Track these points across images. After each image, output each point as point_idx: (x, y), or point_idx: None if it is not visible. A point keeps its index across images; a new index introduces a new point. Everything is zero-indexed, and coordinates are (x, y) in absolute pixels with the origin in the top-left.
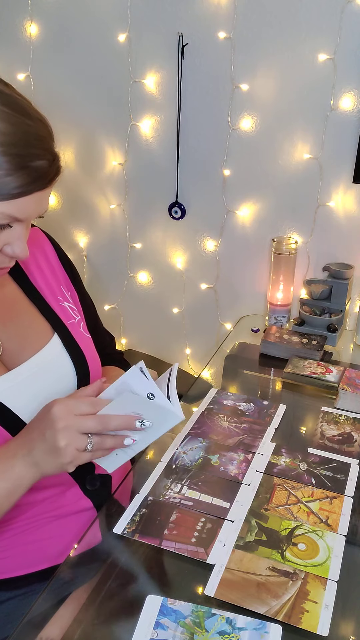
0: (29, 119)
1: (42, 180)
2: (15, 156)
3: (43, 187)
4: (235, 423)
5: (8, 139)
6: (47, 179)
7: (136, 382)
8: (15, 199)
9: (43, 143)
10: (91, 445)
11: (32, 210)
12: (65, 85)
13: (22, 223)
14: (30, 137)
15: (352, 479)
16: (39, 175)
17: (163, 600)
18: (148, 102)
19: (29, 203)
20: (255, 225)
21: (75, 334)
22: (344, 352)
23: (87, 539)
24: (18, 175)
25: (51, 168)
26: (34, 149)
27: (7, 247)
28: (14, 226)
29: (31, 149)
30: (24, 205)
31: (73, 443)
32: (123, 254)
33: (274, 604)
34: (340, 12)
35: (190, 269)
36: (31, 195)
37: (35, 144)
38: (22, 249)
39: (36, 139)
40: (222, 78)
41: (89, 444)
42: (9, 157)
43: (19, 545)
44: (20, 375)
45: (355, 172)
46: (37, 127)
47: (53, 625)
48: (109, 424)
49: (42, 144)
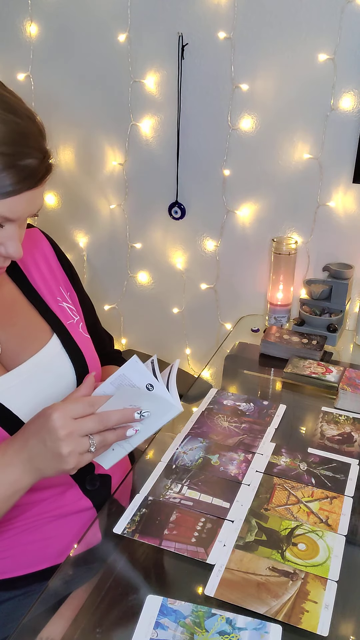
0: (18, 117)
1: (32, 179)
2: (3, 155)
3: (33, 186)
4: (235, 423)
5: None
6: (36, 177)
7: (135, 374)
8: (4, 199)
9: (32, 141)
10: (94, 446)
11: (23, 210)
12: (65, 85)
13: (14, 223)
14: (18, 135)
15: (352, 479)
16: (28, 174)
17: (163, 600)
18: (148, 102)
19: (19, 202)
20: (255, 225)
21: (75, 334)
22: (344, 352)
23: (87, 539)
24: (6, 174)
25: (41, 166)
26: (22, 147)
27: (0, 248)
28: (5, 226)
29: (19, 147)
30: (14, 204)
31: (76, 448)
32: (123, 254)
33: (274, 604)
34: (340, 12)
35: (190, 269)
36: (21, 194)
37: (23, 142)
38: (15, 249)
39: (24, 137)
40: (222, 78)
41: (91, 445)
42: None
43: (19, 545)
44: (20, 375)
45: (355, 172)
46: (25, 125)
47: (53, 625)
48: (109, 421)
49: (31, 142)
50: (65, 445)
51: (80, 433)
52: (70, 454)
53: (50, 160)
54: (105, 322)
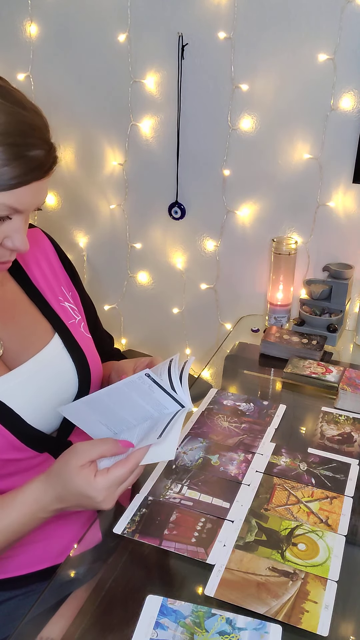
0: (24, 110)
1: (40, 169)
2: (12, 146)
3: (40, 176)
4: (235, 423)
5: (3, 129)
6: (44, 168)
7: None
8: (13, 190)
9: (38, 132)
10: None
11: (30, 200)
12: (65, 85)
13: (21, 215)
14: (25, 126)
15: (352, 479)
16: (36, 165)
17: (163, 600)
18: (148, 102)
19: (27, 193)
20: (255, 225)
21: (76, 334)
22: (344, 352)
23: (87, 539)
24: (15, 165)
25: (48, 157)
26: (29, 139)
27: (7, 240)
28: (13, 218)
29: (27, 138)
30: (22, 195)
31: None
32: (123, 254)
33: (274, 604)
34: (340, 12)
35: (190, 269)
36: (29, 185)
37: (30, 134)
38: (22, 241)
39: (31, 129)
40: (222, 78)
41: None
42: (5, 147)
43: (19, 545)
44: (21, 375)
45: (355, 172)
46: (32, 117)
47: (53, 625)
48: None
49: (37, 134)
50: (105, 505)
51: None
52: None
53: (56, 152)
54: (105, 322)
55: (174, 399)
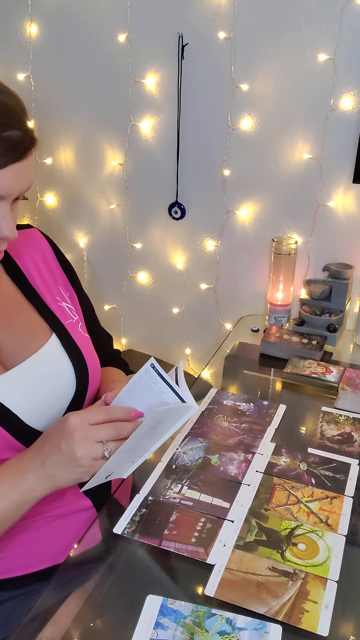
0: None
1: (16, 150)
2: None
3: (18, 158)
4: (235, 423)
5: None
6: (21, 149)
7: (147, 381)
8: None
9: (13, 113)
10: (107, 452)
11: (11, 185)
12: (65, 85)
13: (3, 201)
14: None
15: (352, 479)
16: (12, 146)
17: (163, 600)
18: (148, 102)
19: (6, 177)
20: (255, 225)
21: (74, 333)
22: (344, 352)
23: (87, 539)
24: None
25: (25, 138)
26: (2, 119)
27: None
28: None
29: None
30: (2, 179)
31: (89, 453)
32: (123, 254)
33: (274, 604)
34: (340, 12)
35: (190, 269)
36: (7, 168)
37: (4, 114)
38: (9, 228)
39: (5, 110)
40: (222, 78)
41: (105, 450)
42: None
43: (19, 545)
44: (19, 374)
45: (355, 172)
46: (5, 99)
47: (53, 625)
48: (123, 430)
49: (11, 114)
50: (79, 448)
51: (95, 438)
52: (83, 457)
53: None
54: (105, 322)
55: (176, 393)
